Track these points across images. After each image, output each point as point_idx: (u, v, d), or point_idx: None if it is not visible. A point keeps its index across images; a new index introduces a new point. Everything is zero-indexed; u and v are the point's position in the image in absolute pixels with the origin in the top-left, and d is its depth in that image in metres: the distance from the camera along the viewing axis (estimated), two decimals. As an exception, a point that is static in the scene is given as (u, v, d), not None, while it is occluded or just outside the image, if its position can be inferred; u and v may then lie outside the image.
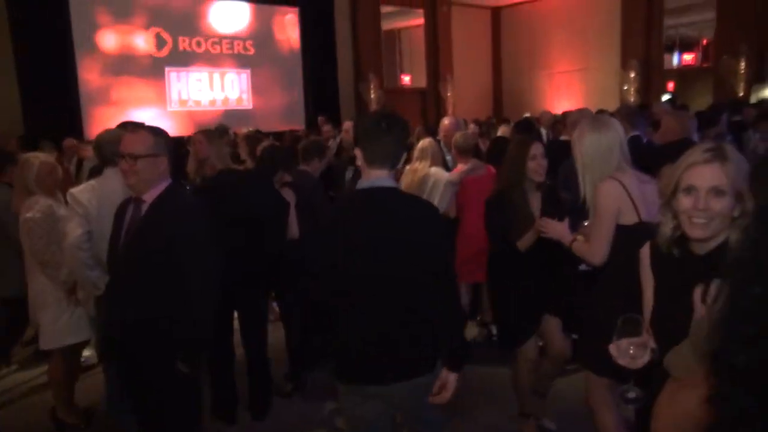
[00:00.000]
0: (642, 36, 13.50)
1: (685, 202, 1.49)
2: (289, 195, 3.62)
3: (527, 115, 9.17)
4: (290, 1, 12.60)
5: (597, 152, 2.38)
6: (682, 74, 13.64)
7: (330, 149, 4.87)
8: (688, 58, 13.66)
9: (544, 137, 6.34)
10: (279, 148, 3.89)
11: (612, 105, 12.49)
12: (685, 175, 1.50)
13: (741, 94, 11.53)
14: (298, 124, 11.84)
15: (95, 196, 2.91)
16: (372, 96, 13.30)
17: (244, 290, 3.35)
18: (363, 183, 1.99)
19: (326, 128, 8.07)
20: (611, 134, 2.39)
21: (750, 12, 11.58)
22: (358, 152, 2.00)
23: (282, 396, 3.71)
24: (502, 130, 7.53)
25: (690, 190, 1.49)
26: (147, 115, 9.95)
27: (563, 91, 15.35)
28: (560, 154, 3.77)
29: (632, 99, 13.27)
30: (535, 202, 2.95)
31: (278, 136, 7.77)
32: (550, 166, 3.85)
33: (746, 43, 11.53)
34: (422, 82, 15.32)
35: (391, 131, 1.94)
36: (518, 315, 2.96)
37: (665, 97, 13.42)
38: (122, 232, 2.35)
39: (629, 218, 2.32)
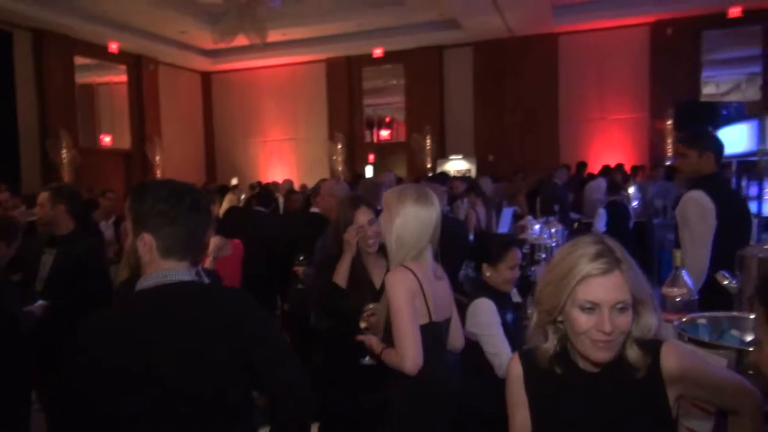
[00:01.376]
0: (345, 111, 14.77)
1: (584, 322, 1.25)
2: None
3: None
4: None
5: (414, 229, 2.04)
6: (381, 148, 15.26)
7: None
8: (384, 134, 15.38)
9: (281, 208, 6.09)
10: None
11: (323, 174, 13.21)
12: (581, 290, 1.25)
13: (429, 166, 13.35)
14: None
15: None
16: (64, 156, 11.38)
17: None
18: (150, 279, 1.44)
19: (2, 196, 6.41)
20: (433, 211, 2.08)
21: (432, 96, 13.66)
22: (147, 238, 1.43)
23: None
24: (229, 199, 7.10)
25: (590, 308, 1.24)
26: None
27: (276, 158, 15.72)
28: (313, 227, 3.52)
29: (340, 168, 14.30)
30: (379, 271, 2.48)
31: None
32: (304, 241, 3.59)
33: (430, 123, 13.51)
34: (126, 143, 13.85)
35: (198, 211, 1.46)
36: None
37: (368, 168, 14.84)
38: None
39: (421, 318, 1.99)
